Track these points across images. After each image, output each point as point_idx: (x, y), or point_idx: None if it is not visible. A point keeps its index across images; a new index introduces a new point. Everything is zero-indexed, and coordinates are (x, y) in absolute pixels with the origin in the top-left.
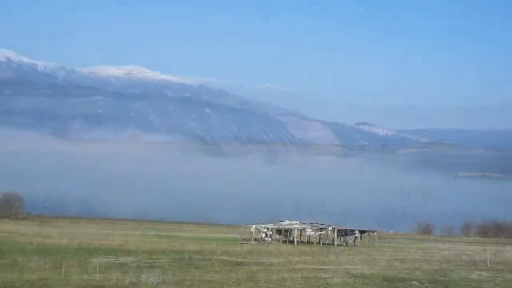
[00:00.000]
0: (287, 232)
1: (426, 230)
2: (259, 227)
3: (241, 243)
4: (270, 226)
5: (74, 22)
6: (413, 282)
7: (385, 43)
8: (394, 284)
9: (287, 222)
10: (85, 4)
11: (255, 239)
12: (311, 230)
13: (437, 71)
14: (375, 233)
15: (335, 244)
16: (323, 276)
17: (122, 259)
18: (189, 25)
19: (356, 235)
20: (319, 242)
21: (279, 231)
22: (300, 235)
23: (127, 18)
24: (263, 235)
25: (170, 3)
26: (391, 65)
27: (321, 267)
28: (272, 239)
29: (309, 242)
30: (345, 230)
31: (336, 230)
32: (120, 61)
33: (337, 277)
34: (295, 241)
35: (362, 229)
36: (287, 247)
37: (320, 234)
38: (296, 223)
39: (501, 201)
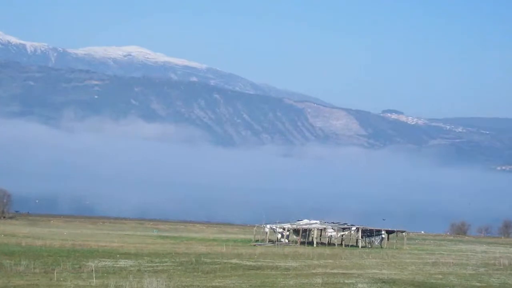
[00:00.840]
0: (305, 232)
1: (460, 230)
2: (274, 227)
3: (254, 245)
4: (287, 225)
5: None
6: None
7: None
8: None
9: (305, 221)
10: None
11: (269, 240)
12: (332, 230)
13: (472, 53)
14: (403, 233)
15: (359, 245)
16: (346, 281)
17: (121, 263)
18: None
19: (383, 235)
20: (341, 244)
21: (296, 232)
22: (320, 235)
23: None
24: (279, 235)
25: None
26: (421, 47)
27: (344, 271)
28: (288, 240)
29: (330, 244)
30: (371, 231)
31: (360, 230)
32: (119, 41)
33: (361, 283)
34: (315, 243)
35: (389, 229)
36: (305, 249)
37: (342, 235)
38: (316, 223)
39: None
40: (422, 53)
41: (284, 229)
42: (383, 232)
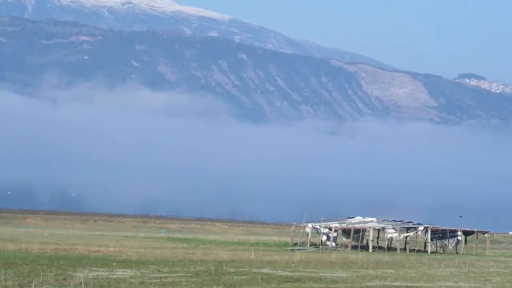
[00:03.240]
0: (358, 233)
1: None
2: (317, 227)
3: (292, 250)
4: (334, 225)
5: None
6: None
7: None
8: None
9: (358, 219)
10: None
11: (312, 244)
12: (393, 230)
13: None
14: (486, 235)
15: (429, 250)
16: None
17: (119, 273)
18: None
19: (459, 237)
20: (404, 248)
21: (346, 232)
22: (378, 238)
23: None
24: (324, 237)
25: None
26: None
27: (408, 284)
28: (336, 244)
29: (390, 248)
30: (443, 231)
31: (429, 231)
32: None
33: None
34: (370, 247)
35: (467, 229)
36: (358, 255)
37: (406, 237)
38: (372, 221)
39: None
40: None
41: (330, 229)
42: (459, 233)
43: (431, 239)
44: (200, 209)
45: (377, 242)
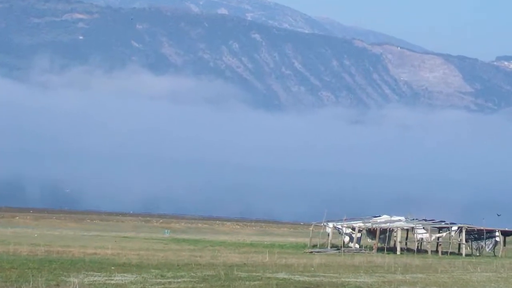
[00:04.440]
0: (384, 234)
1: None
2: (339, 226)
3: (311, 252)
4: (358, 224)
5: None
6: None
7: None
8: None
9: (384, 218)
10: None
11: (333, 246)
12: (423, 231)
13: None
14: None
15: (463, 253)
16: None
17: (118, 278)
18: None
19: (497, 239)
20: (436, 250)
21: (372, 233)
22: (406, 238)
23: None
24: (346, 238)
25: None
26: None
27: None
28: (360, 246)
29: (420, 250)
30: (479, 231)
31: (464, 231)
32: None
33: None
34: (398, 249)
35: (506, 229)
36: (384, 258)
37: (438, 238)
38: (399, 220)
39: None
40: None
41: (353, 229)
42: (497, 233)
43: (466, 241)
44: (208, 207)
45: (406, 243)
